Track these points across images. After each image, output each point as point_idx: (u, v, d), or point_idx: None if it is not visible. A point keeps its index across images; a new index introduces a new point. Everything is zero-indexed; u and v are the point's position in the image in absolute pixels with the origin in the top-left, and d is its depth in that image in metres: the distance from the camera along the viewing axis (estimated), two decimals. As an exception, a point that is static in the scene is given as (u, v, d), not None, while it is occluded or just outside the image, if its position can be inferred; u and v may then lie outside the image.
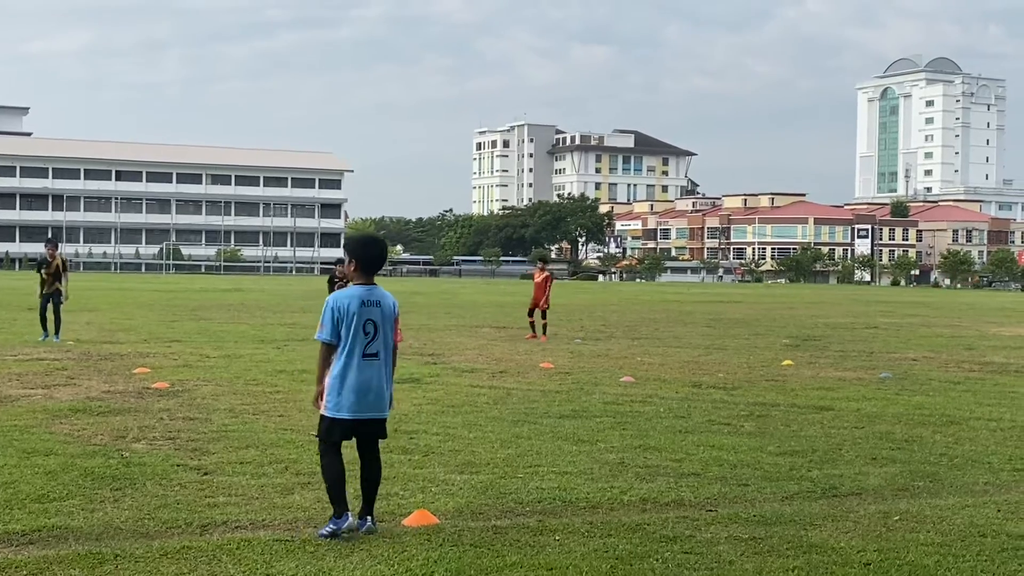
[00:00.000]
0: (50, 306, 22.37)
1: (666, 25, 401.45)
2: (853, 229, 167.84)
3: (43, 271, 22.43)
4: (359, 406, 7.46)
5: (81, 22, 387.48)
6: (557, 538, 7.53)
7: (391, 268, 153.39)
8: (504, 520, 7.94)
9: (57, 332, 22.23)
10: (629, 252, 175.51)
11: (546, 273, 26.72)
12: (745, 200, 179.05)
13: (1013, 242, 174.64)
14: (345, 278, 23.33)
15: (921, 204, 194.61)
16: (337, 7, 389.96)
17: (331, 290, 24.18)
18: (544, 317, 26.17)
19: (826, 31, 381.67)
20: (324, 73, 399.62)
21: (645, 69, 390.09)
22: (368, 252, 7.62)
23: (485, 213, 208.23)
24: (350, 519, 7.39)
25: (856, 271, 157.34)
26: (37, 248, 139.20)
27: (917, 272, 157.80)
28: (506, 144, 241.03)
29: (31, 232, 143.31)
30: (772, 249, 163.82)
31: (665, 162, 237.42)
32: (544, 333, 25.85)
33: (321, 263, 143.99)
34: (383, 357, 7.56)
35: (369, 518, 7.56)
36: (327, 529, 7.40)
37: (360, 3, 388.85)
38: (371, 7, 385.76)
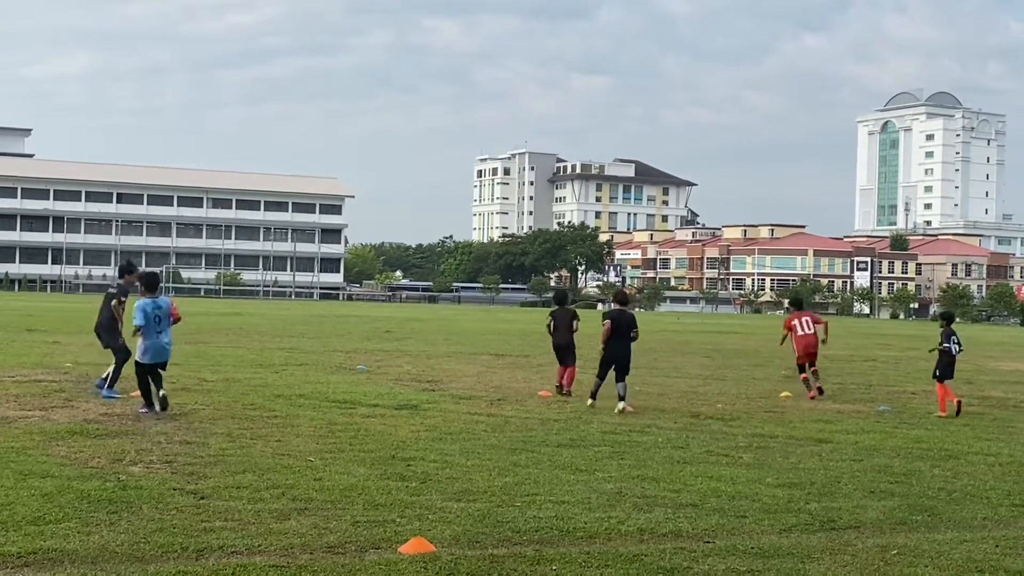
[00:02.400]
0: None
1: (665, 57, 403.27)
2: (852, 261, 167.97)
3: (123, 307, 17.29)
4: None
5: (83, 46, 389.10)
6: (554, 568, 7.50)
7: (391, 294, 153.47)
8: (501, 549, 7.91)
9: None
10: (628, 281, 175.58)
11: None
12: (745, 231, 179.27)
13: (1012, 277, 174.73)
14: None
15: (920, 237, 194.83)
16: (336, 35, 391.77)
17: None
18: None
19: (824, 66, 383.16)
20: (324, 100, 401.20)
21: (645, 100, 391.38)
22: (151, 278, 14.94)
23: (485, 240, 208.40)
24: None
25: (855, 303, 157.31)
26: (37, 269, 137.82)
27: (916, 305, 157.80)
28: (507, 172, 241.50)
29: (31, 253, 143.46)
30: (771, 280, 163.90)
31: (665, 192, 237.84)
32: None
33: (321, 288, 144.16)
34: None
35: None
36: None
37: (359, 32, 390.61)
38: (370, 36, 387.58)
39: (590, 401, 17.35)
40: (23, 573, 7.02)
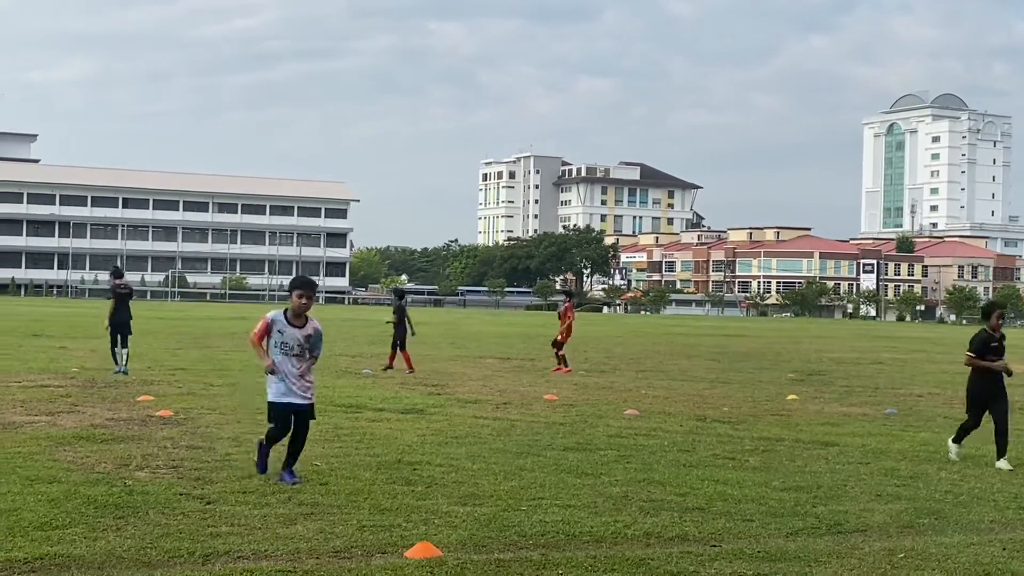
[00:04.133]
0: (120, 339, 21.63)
1: (669, 59, 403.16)
2: (859, 264, 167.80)
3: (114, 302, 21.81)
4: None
5: (87, 51, 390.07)
6: (560, 572, 7.49)
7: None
8: (507, 553, 7.91)
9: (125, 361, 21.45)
10: (634, 284, 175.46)
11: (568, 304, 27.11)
12: (750, 233, 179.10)
13: (1019, 279, 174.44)
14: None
15: (927, 239, 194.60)
16: (339, 39, 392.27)
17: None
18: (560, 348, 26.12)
19: (830, 67, 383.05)
20: (327, 104, 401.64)
21: (649, 102, 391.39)
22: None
23: (490, 244, 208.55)
24: None
25: (861, 306, 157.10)
26: (43, 274, 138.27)
27: (923, 308, 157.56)
28: (512, 175, 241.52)
29: (37, 258, 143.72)
30: (777, 283, 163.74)
31: (671, 195, 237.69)
32: (566, 365, 25.80)
33: (326, 292, 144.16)
34: None
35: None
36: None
37: (362, 35, 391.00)
38: (373, 39, 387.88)
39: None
40: (30, 579, 7.02)
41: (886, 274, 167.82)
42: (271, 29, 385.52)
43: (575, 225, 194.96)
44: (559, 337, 26.09)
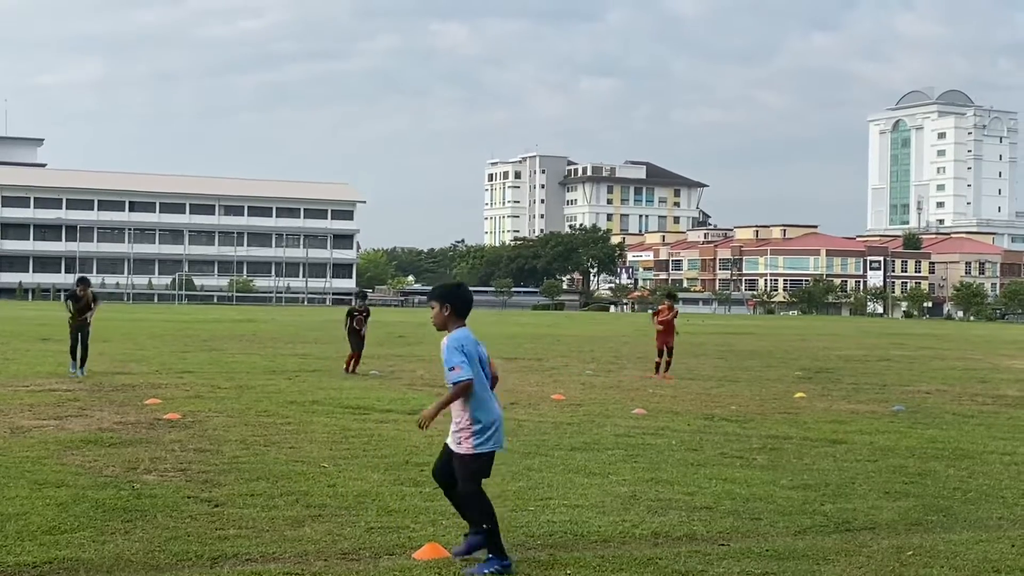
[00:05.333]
0: (79, 339, 22.07)
1: (674, 58, 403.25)
2: (865, 261, 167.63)
3: (72, 305, 22.38)
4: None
5: (94, 53, 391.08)
6: (568, 572, 7.49)
7: (403, 299, 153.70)
8: (515, 554, 7.90)
9: (83, 364, 21.93)
10: (641, 283, 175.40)
11: (665, 305, 25.68)
12: (757, 232, 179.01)
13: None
14: (363, 312, 23.31)
15: (933, 236, 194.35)
16: (345, 40, 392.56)
17: (348, 324, 24.21)
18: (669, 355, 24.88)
19: (835, 64, 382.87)
20: (334, 105, 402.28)
21: (655, 101, 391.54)
22: (463, 296, 7.82)
23: (497, 244, 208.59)
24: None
25: (868, 303, 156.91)
26: (51, 278, 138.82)
27: (930, 304, 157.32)
28: (518, 175, 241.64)
29: (44, 262, 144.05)
30: (784, 281, 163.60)
31: (677, 193, 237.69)
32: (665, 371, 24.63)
33: (333, 293, 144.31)
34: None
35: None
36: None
37: (367, 36, 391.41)
38: (379, 40, 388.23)
39: None
40: (39, 583, 7.03)
41: (893, 271, 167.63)
42: (277, 30, 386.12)
43: (581, 224, 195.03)
44: (662, 344, 24.71)
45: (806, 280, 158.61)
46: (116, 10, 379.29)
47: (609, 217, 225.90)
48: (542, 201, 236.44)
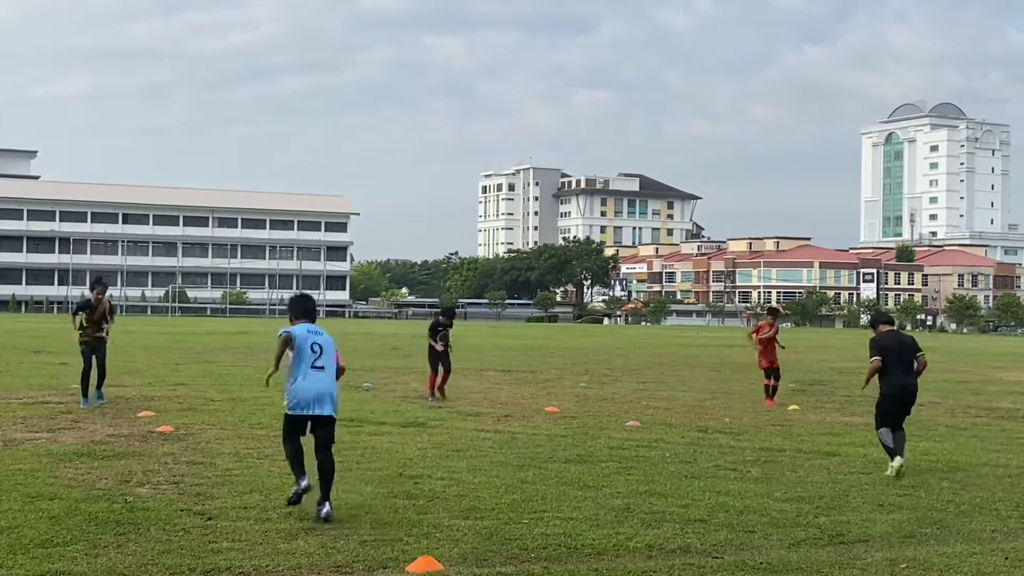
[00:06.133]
0: (95, 360, 18.46)
1: (667, 70, 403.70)
2: (858, 273, 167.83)
3: (84, 317, 18.52)
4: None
5: (87, 66, 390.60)
6: (562, 585, 7.48)
7: (397, 311, 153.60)
8: (509, 567, 7.90)
9: (100, 386, 18.46)
10: (634, 295, 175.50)
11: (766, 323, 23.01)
12: (750, 244, 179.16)
13: (1019, 287, 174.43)
14: (447, 326, 21.37)
15: (926, 248, 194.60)
16: (338, 52, 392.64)
17: (432, 337, 21.92)
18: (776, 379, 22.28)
19: (827, 77, 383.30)
20: (328, 117, 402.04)
21: (648, 113, 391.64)
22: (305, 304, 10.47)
23: (490, 256, 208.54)
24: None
25: (862, 315, 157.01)
26: (44, 291, 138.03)
27: (923, 316, 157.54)
28: (511, 187, 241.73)
29: (37, 275, 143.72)
30: (777, 293, 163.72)
31: (670, 205, 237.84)
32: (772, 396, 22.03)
33: (327, 306, 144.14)
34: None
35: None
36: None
37: (361, 49, 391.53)
38: (372, 52, 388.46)
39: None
40: (31, 596, 7.01)
41: (886, 283, 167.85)
42: (270, 43, 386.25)
43: (575, 237, 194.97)
44: (767, 364, 22.21)
45: (799, 292, 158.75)
46: (109, 23, 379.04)
47: (603, 229, 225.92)
48: (536, 213, 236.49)
